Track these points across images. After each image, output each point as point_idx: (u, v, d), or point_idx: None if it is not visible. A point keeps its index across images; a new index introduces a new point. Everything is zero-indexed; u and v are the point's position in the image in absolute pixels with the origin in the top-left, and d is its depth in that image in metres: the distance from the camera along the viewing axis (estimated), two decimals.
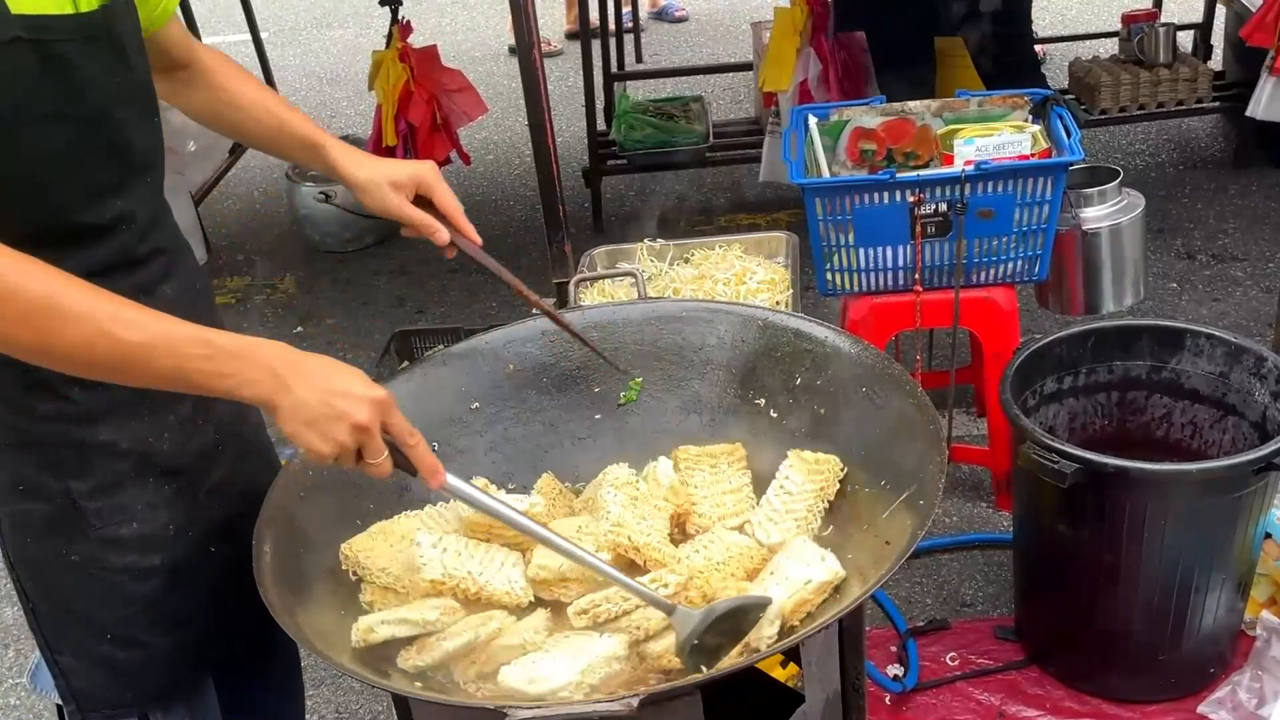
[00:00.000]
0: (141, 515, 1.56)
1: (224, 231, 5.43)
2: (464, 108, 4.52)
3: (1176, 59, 4.73)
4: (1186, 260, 4.32)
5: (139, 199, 1.51)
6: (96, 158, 1.43)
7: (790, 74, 4.13)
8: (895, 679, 2.67)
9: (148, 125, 1.52)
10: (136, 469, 1.55)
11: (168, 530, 1.59)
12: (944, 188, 2.74)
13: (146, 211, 1.53)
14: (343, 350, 4.40)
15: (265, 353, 1.35)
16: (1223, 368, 2.58)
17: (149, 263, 1.53)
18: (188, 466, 1.61)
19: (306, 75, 7.52)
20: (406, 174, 1.73)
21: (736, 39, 7.14)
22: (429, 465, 1.43)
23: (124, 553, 1.56)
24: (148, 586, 1.59)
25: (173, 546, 1.60)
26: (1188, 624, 2.45)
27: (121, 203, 1.47)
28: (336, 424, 1.34)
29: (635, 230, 2.95)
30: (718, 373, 1.84)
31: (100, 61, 1.40)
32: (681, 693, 1.38)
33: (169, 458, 1.58)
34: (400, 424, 1.40)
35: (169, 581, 1.60)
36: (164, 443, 1.57)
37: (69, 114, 1.37)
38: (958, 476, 3.34)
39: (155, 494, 1.57)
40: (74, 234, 1.41)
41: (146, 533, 1.57)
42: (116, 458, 1.52)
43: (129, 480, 1.54)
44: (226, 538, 1.66)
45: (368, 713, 2.83)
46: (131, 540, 1.56)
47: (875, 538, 1.54)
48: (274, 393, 1.34)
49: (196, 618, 1.66)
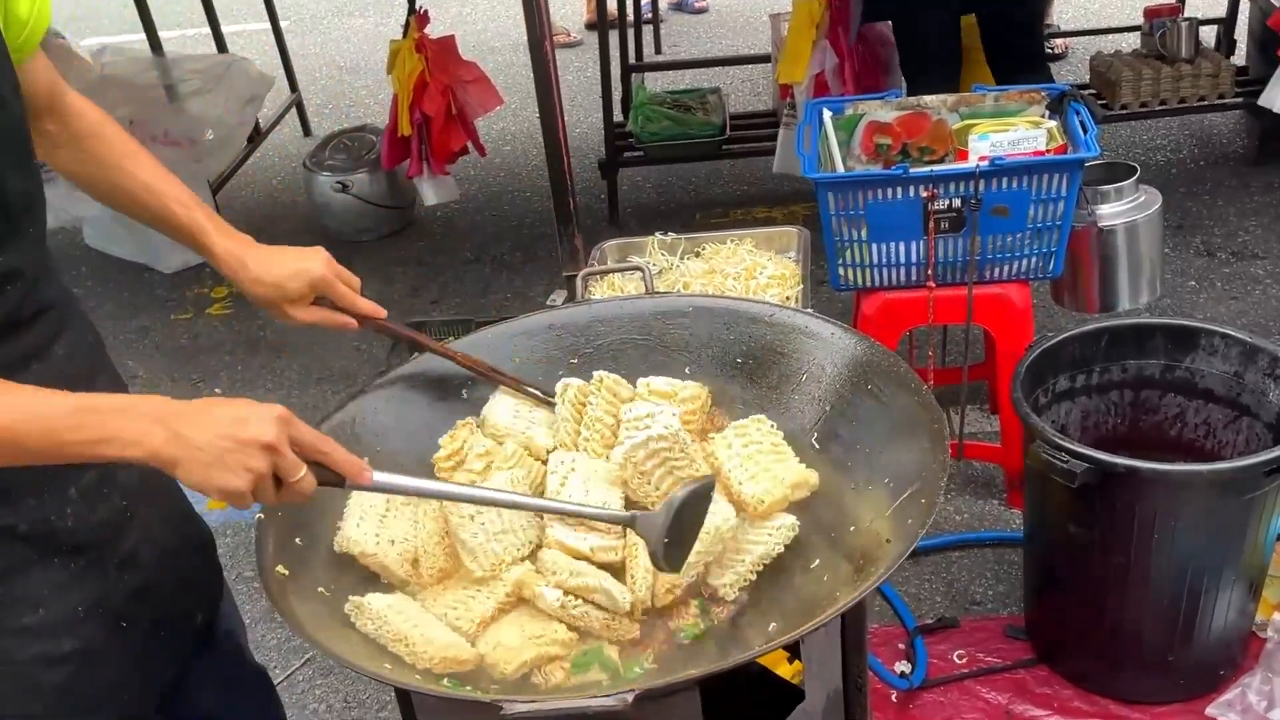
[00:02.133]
0: (48, 600, 1.44)
1: (241, 220, 5.36)
2: (479, 99, 4.52)
3: (1199, 54, 4.68)
4: (1206, 258, 4.28)
5: (21, 252, 1.39)
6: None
7: (806, 67, 4.10)
8: (902, 676, 2.67)
9: (26, 172, 1.39)
10: (39, 551, 1.43)
11: (77, 613, 1.47)
12: (958, 183, 2.72)
13: (32, 266, 1.41)
14: (357, 340, 4.41)
15: (145, 407, 1.27)
16: (1237, 367, 2.56)
17: (37, 321, 1.42)
18: (95, 540, 1.49)
19: (326, 64, 7.53)
20: (305, 285, 1.64)
21: (756, 31, 7.11)
22: (352, 467, 1.36)
23: (31, 642, 1.43)
24: (60, 674, 1.46)
25: (84, 628, 1.48)
26: (1198, 625, 2.44)
27: (4, 258, 1.35)
28: (244, 453, 1.26)
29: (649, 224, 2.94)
30: (723, 368, 1.84)
31: None
32: (680, 688, 1.38)
33: (72, 534, 1.45)
34: (307, 435, 1.32)
35: (81, 666, 1.48)
36: (67, 519, 1.44)
37: None
38: (969, 474, 3.32)
39: (61, 574, 1.45)
40: None
41: (55, 619, 1.45)
42: (15, 541, 1.40)
43: (32, 564, 1.42)
44: (142, 608, 1.56)
45: (375, 701, 2.85)
46: (39, 628, 1.44)
47: (877, 535, 1.53)
48: (165, 445, 1.25)
49: (113, 697, 1.55)
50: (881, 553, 1.49)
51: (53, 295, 1.48)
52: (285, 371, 4.30)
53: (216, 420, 1.27)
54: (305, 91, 6.46)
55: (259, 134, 5.73)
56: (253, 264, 1.63)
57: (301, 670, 2.95)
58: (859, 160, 3.06)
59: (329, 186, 5.07)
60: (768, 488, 1.60)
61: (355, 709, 2.84)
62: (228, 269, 1.64)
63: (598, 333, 1.87)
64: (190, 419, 1.26)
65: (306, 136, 6.28)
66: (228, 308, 4.77)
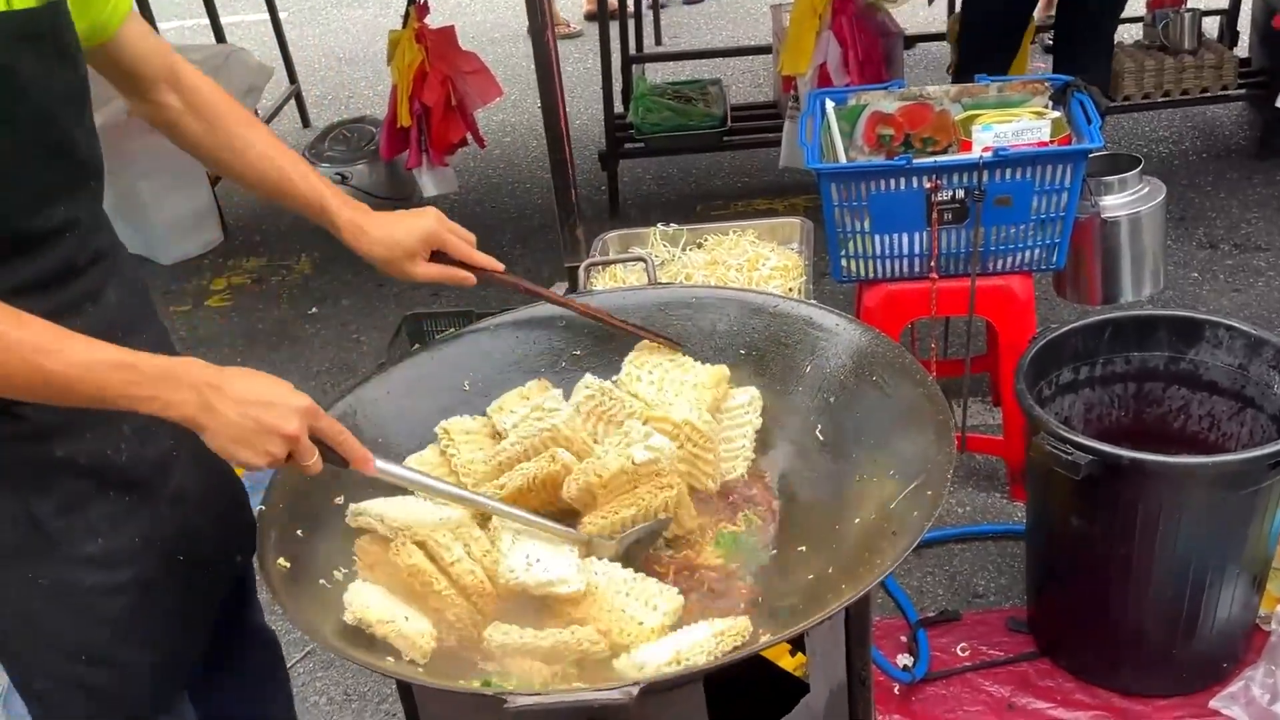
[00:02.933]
0: (106, 531, 1.54)
1: (241, 212, 5.43)
2: (479, 90, 4.50)
3: (1202, 45, 4.67)
4: (1208, 250, 4.27)
5: (82, 204, 1.48)
6: (40, 161, 1.40)
7: (809, 57, 4.09)
8: (905, 669, 2.66)
9: (86, 128, 1.48)
10: (97, 483, 1.52)
11: (134, 544, 1.57)
12: (961, 174, 2.71)
13: (89, 217, 1.51)
14: (356, 331, 4.40)
15: (187, 373, 1.35)
16: (1242, 360, 2.55)
17: (92, 269, 1.51)
18: (147, 476, 1.59)
19: (325, 55, 7.51)
20: (416, 240, 1.72)
21: (756, 21, 7.09)
22: (359, 456, 1.46)
23: (92, 571, 1.53)
24: (119, 604, 1.57)
25: (140, 561, 1.58)
26: (1201, 618, 2.43)
27: (65, 209, 1.44)
28: (266, 438, 1.36)
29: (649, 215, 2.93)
30: (727, 360, 1.82)
31: (42, 62, 1.36)
32: (684, 681, 1.38)
33: (127, 469, 1.55)
34: (328, 425, 1.43)
35: (139, 597, 1.58)
36: (121, 454, 1.54)
37: (11, 116, 1.34)
38: (972, 466, 3.31)
39: (117, 507, 1.55)
40: (18, 242, 1.39)
41: (113, 548, 1.55)
42: (77, 474, 1.50)
43: (91, 496, 1.52)
44: (189, 545, 1.65)
45: (375, 694, 2.84)
46: (99, 558, 1.53)
47: (882, 528, 1.52)
48: (198, 413, 1.35)
49: (169, 631, 1.64)
50: (886, 545, 1.47)
51: (105, 245, 1.56)
52: (283, 364, 4.28)
53: (246, 399, 1.35)
54: (304, 82, 6.43)
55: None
56: (371, 229, 1.71)
57: (302, 663, 2.94)
58: (861, 151, 3.05)
59: (328, 177, 5.05)
60: (693, 401, 1.69)
61: (356, 701, 2.84)
62: (349, 236, 1.72)
63: (601, 324, 1.85)
64: (223, 392, 1.35)
65: (305, 128, 6.26)
66: (226, 300, 4.75)
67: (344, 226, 1.71)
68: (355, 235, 1.71)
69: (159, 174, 4.70)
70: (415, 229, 1.72)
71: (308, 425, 1.39)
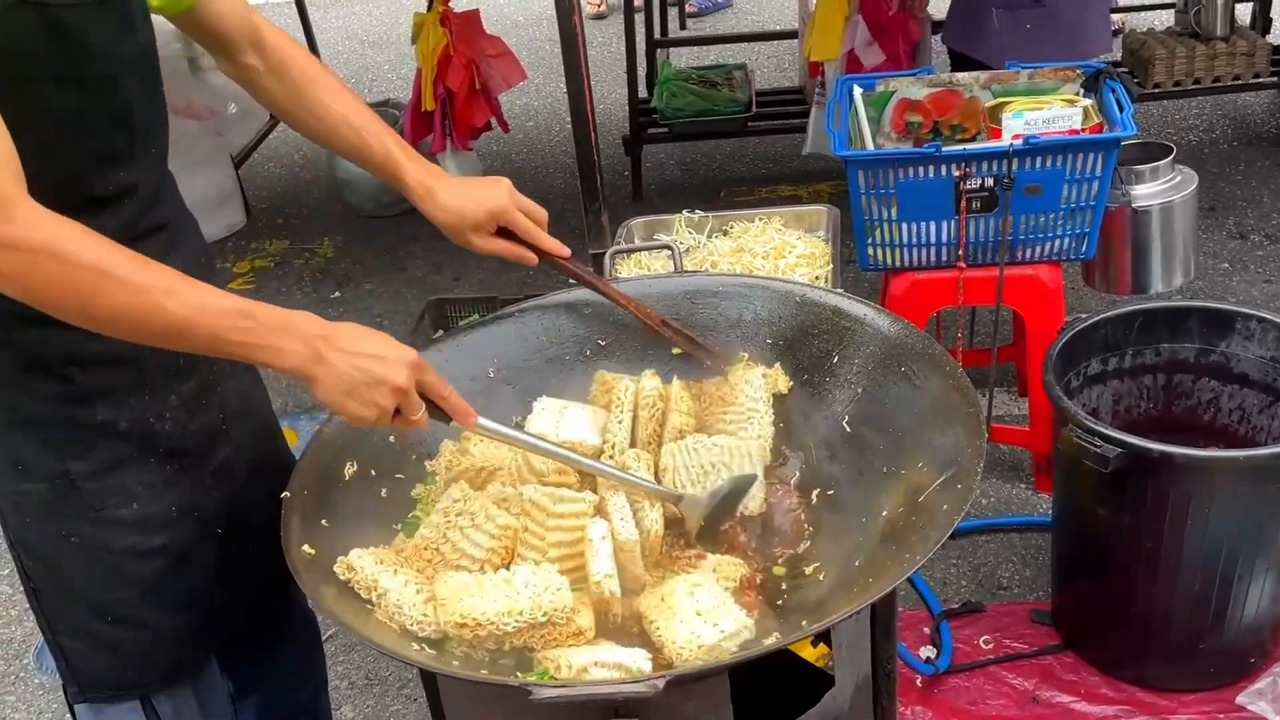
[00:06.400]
0: (143, 496, 1.56)
1: (264, 195, 5.43)
2: (503, 74, 4.48)
3: (1234, 32, 4.59)
4: (1239, 240, 4.22)
5: (142, 171, 1.50)
6: (101, 125, 1.42)
7: (839, 42, 4.05)
8: (927, 661, 2.64)
9: (152, 96, 1.50)
10: (138, 450, 1.54)
11: (170, 512, 1.59)
12: (991, 162, 2.68)
13: (150, 185, 1.52)
14: (379, 316, 4.40)
15: (298, 325, 1.36)
16: (1274, 352, 2.51)
17: (150, 238, 1.51)
18: (191, 447, 1.60)
19: (349, 38, 7.50)
20: (485, 213, 1.71)
21: (782, 6, 7.04)
22: (462, 410, 1.47)
23: (125, 534, 1.56)
24: (149, 567, 1.59)
25: (176, 528, 1.60)
26: (1229, 613, 2.40)
27: (125, 174, 1.46)
28: (376, 390, 1.37)
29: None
30: (753, 349, 1.81)
31: (107, 28, 1.38)
32: (710, 673, 1.37)
33: (171, 438, 1.57)
34: (434, 381, 1.43)
35: (172, 563, 1.61)
36: (165, 423, 1.56)
37: (75, 78, 1.36)
38: (997, 457, 3.28)
39: (157, 475, 1.57)
40: (78, 205, 1.38)
41: (148, 514, 1.56)
42: (117, 438, 1.52)
43: (130, 461, 1.54)
44: (232, 519, 1.66)
45: (396, 679, 2.84)
46: (133, 521, 1.55)
47: (911, 521, 1.51)
48: (309, 364, 1.36)
49: (200, 599, 1.66)
50: (915, 539, 1.46)
51: (168, 214, 1.58)
52: None
53: (357, 351, 1.37)
54: (328, 65, 6.41)
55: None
56: (439, 192, 1.70)
57: (324, 646, 2.95)
58: (889, 138, 3.02)
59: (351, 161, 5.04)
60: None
61: (377, 685, 2.84)
62: (416, 197, 1.70)
63: (626, 312, 1.84)
64: (333, 344, 1.36)
65: None
66: (249, 283, 4.76)
67: (414, 188, 1.70)
68: (423, 198, 1.70)
69: (182, 156, 4.66)
70: (485, 203, 1.70)
71: (415, 379, 1.40)
